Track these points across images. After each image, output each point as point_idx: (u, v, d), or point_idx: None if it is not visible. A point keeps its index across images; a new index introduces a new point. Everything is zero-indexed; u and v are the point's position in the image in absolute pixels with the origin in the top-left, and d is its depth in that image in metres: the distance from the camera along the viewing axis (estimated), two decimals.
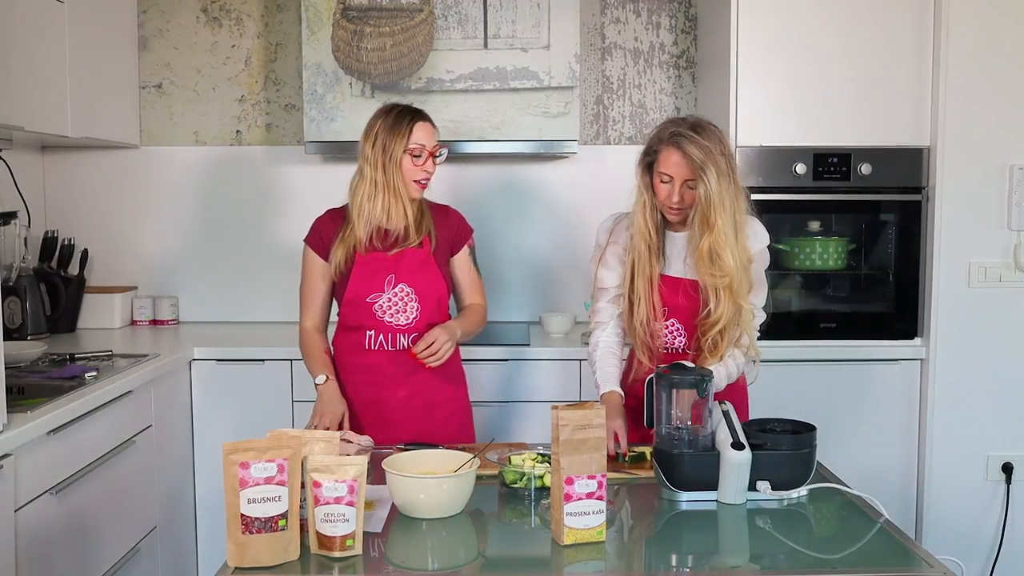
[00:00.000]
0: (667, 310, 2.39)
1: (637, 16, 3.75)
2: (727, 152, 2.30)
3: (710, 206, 2.24)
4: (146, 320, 3.73)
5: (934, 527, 3.25)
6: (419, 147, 2.49)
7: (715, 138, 2.28)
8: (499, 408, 3.22)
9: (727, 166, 2.27)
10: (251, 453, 1.64)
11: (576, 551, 1.74)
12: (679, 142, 2.26)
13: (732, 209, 2.27)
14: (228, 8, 3.74)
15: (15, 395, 2.41)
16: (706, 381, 2.01)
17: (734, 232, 2.27)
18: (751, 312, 2.34)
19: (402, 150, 2.47)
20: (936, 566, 1.69)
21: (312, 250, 2.58)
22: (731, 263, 2.26)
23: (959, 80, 3.15)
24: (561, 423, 1.76)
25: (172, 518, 3.12)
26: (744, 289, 2.30)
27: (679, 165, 2.27)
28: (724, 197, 2.24)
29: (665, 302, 2.38)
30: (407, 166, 2.48)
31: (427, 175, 2.51)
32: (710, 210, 2.24)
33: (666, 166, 2.29)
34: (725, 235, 2.25)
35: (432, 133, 2.54)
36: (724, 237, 2.25)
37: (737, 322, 2.32)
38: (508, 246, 3.76)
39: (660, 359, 2.37)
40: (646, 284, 2.37)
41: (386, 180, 2.47)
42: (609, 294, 2.47)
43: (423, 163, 2.49)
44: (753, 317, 2.37)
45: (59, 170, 3.75)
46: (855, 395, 3.25)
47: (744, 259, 2.30)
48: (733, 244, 2.26)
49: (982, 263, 3.21)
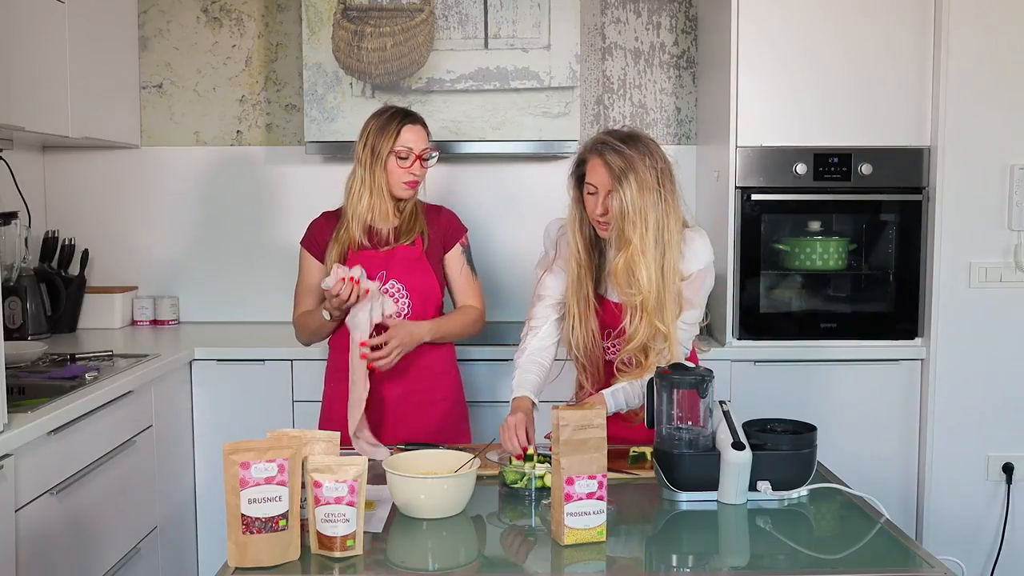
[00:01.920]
0: (611, 331, 2.31)
1: (637, 16, 3.75)
2: (659, 165, 2.19)
3: (625, 219, 2.14)
4: (146, 320, 3.73)
5: (934, 527, 3.25)
6: (405, 149, 2.51)
7: (645, 150, 2.19)
8: (499, 408, 3.22)
9: (655, 179, 2.16)
10: (251, 453, 1.65)
11: (576, 551, 1.74)
12: (602, 150, 2.19)
13: (657, 225, 2.16)
14: (228, 8, 3.74)
15: (15, 395, 2.41)
16: (706, 381, 2.01)
17: (658, 249, 2.16)
18: (674, 333, 2.21)
19: (388, 151, 2.50)
20: (936, 566, 1.69)
21: (308, 252, 2.62)
22: (646, 282, 2.15)
23: (959, 80, 3.15)
24: (562, 423, 1.76)
25: (172, 518, 3.12)
26: (666, 310, 2.19)
27: (602, 175, 2.19)
28: (647, 211, 2.14)
29: (608, 324, 2.31)
30: (392, 167, 2.51)
31: (414, 177, 2.53)
32: (625, 223, 2.14)
33: (591, 176, 2.22)
34: (642, 252, 2.14)
35: (422, 136, 2.55)
36: (640, 254, 2.14)
37: (662, 339, 2.20)
38: (508, 246, 3.76)
39: (602, 382, 2.31)
40: (582, 304, 2.28)
41: (373, 180, 2.51)
42: (547, 300, 2.38)
43: (409, 165, 2.52)
44: (679, 339, 2.24)
45: (59, 170, 3.75)
46: (855, 395, 3.25)
47: (669, 279, 2.18)
48: (651, 262, 2.15)
49: (983, 263, 3.20)
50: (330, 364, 2.67)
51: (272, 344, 3.27)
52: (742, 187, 3.22)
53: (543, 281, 2.39)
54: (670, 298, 2.20)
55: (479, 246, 3.63)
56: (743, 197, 3.22)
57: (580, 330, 2.30)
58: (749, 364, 3.24)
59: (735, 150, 3.21)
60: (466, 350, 2.96)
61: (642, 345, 2.22)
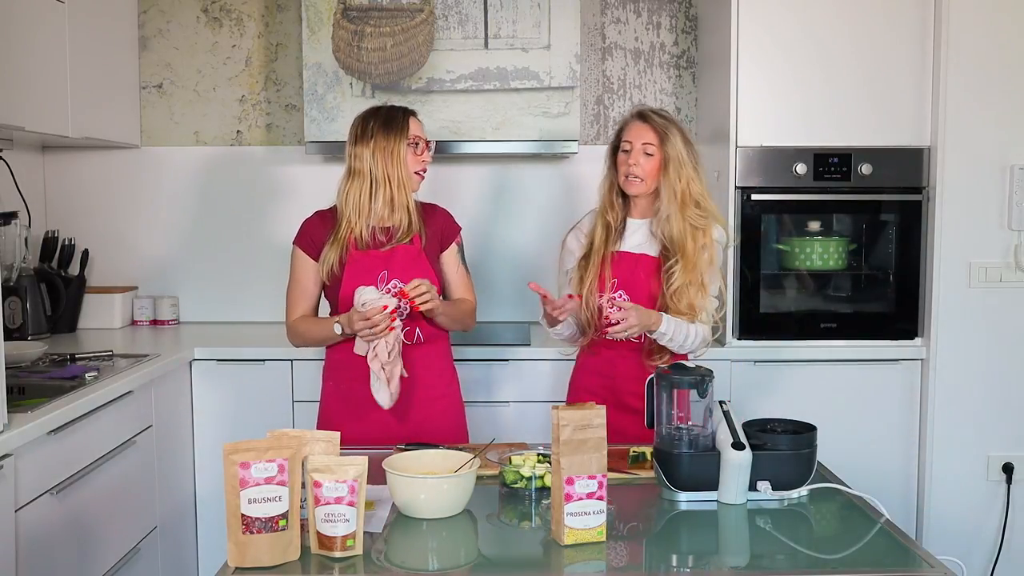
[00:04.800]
0: (615, 282, 2.51)
1: (637, 16, 3.75)
2: (689, 140, 2.53)
3: (670, 164, 2.47)
4: (146, 320, 3.73)
5: (934, 527, 3.25)
6: (417, 138, 2.56)
7: (679, 124, 2.54)
8: (499, 408, 3.22)
9: (691, 150, 2.51)
10: (251, 453, 1.65)
11: (576, 551, 1.74)
12: (643, 113, 2.53)
13: (689, 182, 2.49)
14: (228, 8, 3.74)
15: (15, 395, 2.41)
16: (706, 381, 2.01)
17: (690, 206, 2.49)
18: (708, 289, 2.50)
19: (405, 143, 2.53)
20: (936, 566, 1.69)
21: (303, 252, 2.60)
22: (711, 206, 2.52)
23: (959, 80, 3.15)
24: (562, 423, 1.76)
25: (172, 518, 3.12)
26: (698, 263, 2.48)
27: (639, 130, 2.50)
28: (687, 162, 2.48)
29: (615, 275, 2.53)
30: (406, 158, 2.54)
31: (425, 165, 2.59)
32: (671, 167, 2.47)
33: (627, 134, 2.52)
34: (700, 185, 2.51)
35: (422, 127, 2.63)
36: (697, 186, 2.50)
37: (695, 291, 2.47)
38: (508, 246, 3.76)
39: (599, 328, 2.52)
40: (597, 259, 2.54)
41: (388, 176, 2.52)
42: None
43: (421, 154, 2.58)
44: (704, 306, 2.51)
45: (59, 170, 3.75)
46: (855, 395, 3.25)
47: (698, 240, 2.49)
48: (708, 195, 2.53)
49: (982, 263, 3.20)
50: (328, 363, 2.67)
51: (272, 344, 3.26)
52: (742, 187, 3.22)
53: (563, 259, 2.70)
54: (701, 256, 2.48)
55: (479, 246, 3.64)
56: (743, 197, 3.22)
57: (593, 279, 2.55)
58: (749, 364, 3.23)
59: (735, 150, 3.21)
60: (461, 350, 2.96)
61: (685, 298, 2.47)
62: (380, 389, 2.44)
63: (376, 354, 2.41)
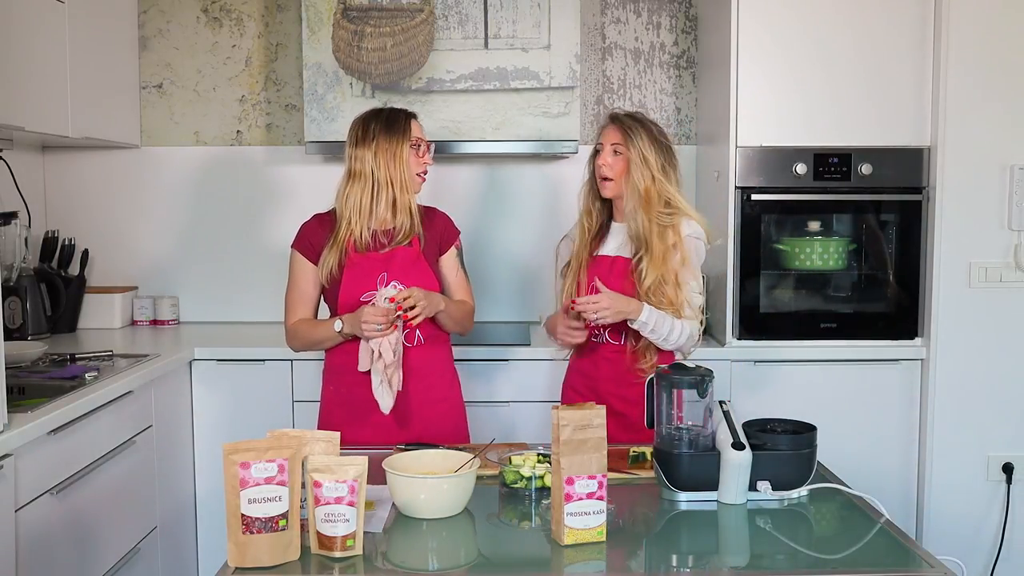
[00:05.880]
0: (592, 285, 2.51)
1: (637, 16, 3.75)
2: (662, 140, 2.54)
3: (633, 166, 2.48)
4: (146, 320, 3.73)
5: (934, 527, 3.25)
6: (419, 140, 2.57)
7: (651, 124, 2.56)
8: (498, 408, 3.22)
9: (659, 149, 2.51)
10: (251, 453, 1.65)
11: (576, 551, 1.74)
12: (614, 115, 2.59)
13: (656, 180, 2.50)
14: (228, 8, 3.74)
15: (15, 395, 2.41)
16: (706, 381, 2.01)
17: (661, 202, 2.50)
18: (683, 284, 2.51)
19: (407, 145, 2.53)
20: (936, 566, 1.69)
21: (301, 255, 2.59)
22: (683, 204, 2.53)
23: (959, 80, 3.15)
24: (562, 423, 1.76)
25: (172, 518, 3.12)
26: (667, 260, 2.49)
27: (609, 131, 2.56)
28: (652, 161, 2.49)
29: (591, 278, 2.53)
30: (409, 160, 2.55)
31: (426, 167, 2.60)
32: (632, 169, 2.48)
33: (601, 138, 2.58)
34: (669, 184, 2.52)
35: (422, 129, 2.64)
36: (665, 185, 2.51)
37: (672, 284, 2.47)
38: (508, 245, 3.76)
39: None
40: (576, 264, 2.59)
41: (390, 178, 2.51)
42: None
43: (423, 155, 2.58)
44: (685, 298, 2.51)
45: (59, 170, 3.75)
46: (855, 395, 3.25)
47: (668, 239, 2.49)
48: (680, 194, 2.55)
49: (982, 263, 3.20)
50: (327, 368, 2.66)
51: (272, 344, 3.26)
52: (742, 187, 3.22)
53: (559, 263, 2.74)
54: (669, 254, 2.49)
55: (478, 246, 3.64)
56: (743, 197, 3.22)
57: (571, 282, 2.60)
58: (749, 364, 3.24)
59: (735, 150, 3.21)
60: (462, 350, 2.96)
61: (660, 296, 2.48)
62: (383, 392, 2.44)
63: (380, 355, 2.41)
